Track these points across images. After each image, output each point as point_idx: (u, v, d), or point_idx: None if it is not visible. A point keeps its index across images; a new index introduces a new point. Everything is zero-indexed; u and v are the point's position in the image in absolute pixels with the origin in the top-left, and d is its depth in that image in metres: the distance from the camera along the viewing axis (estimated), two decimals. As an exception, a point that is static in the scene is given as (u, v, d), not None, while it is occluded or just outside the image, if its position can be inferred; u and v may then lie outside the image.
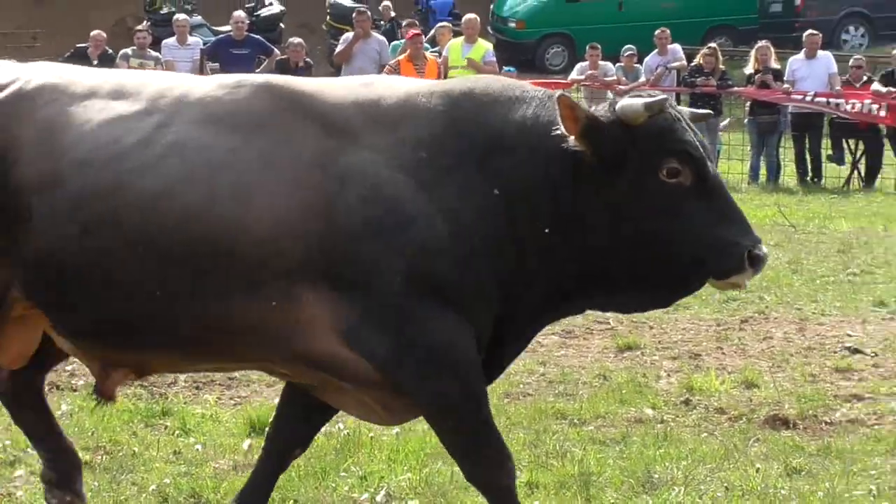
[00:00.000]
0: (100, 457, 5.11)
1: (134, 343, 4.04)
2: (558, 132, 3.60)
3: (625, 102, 3.76)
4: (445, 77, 13.47)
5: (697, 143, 3.78)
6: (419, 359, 3.74)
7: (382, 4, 20.38)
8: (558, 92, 3.90)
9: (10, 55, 9.29)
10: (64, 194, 3.90)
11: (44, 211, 3.90)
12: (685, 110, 4.05)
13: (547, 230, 3.80)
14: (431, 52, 15.74)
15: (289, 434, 4.30)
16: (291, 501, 4.56)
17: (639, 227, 3.77)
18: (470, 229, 3.77)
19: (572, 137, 3.62)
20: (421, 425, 4.76)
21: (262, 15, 21.06)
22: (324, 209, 3.76)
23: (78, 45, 17.62)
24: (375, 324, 3.77)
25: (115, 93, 4.07)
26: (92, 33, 17.29)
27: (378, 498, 4.67)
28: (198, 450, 5.31)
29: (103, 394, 4.22)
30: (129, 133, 3.91)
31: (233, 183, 3.78)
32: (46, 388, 4.76)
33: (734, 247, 3.68)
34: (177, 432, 5.54)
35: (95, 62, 16.47)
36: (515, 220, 3.80)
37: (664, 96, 4.06)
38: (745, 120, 15.22)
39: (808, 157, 14.88)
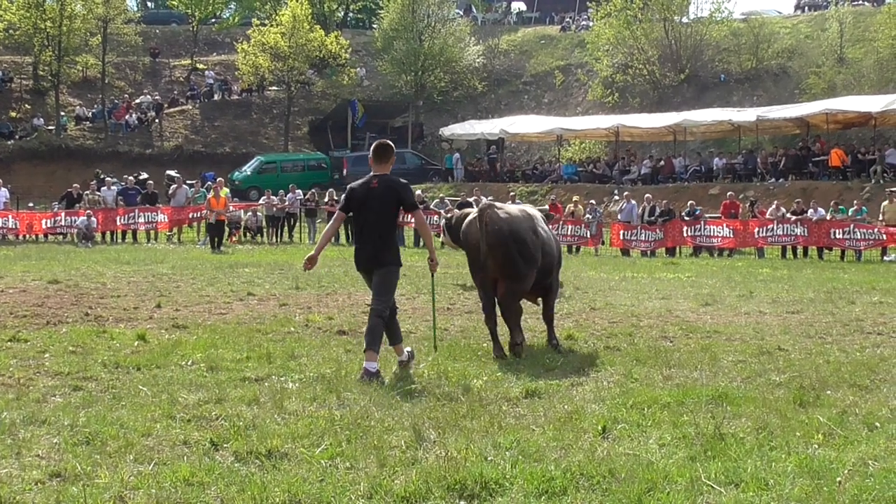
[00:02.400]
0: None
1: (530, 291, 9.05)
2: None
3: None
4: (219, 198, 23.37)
5: None
6: (553, 282, 9.20)
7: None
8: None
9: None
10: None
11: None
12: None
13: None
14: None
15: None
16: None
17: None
18: (557, 246, 9.29)
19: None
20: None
21: (139, 178, 32.04)
22: (552, 244, 9.05)
23: (67, 190, 28.41)
24: (551, 276, 9.09)
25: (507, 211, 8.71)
26: (73, 185, 28.76)
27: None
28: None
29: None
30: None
31: (546, 238, 8.88)
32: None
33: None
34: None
35: (75, 196, 27.03)
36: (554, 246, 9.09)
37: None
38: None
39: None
